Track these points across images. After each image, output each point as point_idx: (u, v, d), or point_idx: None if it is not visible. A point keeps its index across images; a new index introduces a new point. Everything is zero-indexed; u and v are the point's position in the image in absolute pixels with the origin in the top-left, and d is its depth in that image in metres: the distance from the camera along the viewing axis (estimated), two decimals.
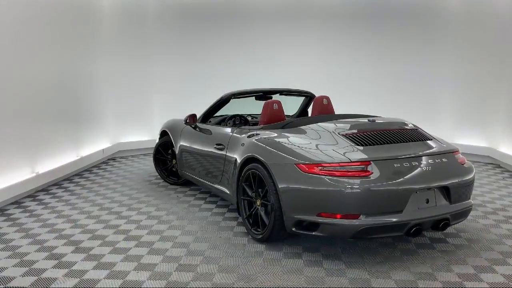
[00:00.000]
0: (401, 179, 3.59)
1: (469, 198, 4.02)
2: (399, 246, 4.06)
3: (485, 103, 8.00)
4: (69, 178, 6.68)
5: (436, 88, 8.62)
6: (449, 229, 4.45)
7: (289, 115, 6.46)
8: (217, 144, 5.00)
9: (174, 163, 6.22)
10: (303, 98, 6.35)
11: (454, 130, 8.47)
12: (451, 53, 8.37)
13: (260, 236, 4.10)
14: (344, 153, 3.70)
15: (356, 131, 4.05)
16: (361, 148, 3.77)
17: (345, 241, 4.14)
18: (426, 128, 8.14)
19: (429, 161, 3.80)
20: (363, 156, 3.65)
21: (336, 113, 5.51)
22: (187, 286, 3.31)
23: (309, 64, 8.91)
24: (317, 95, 5.90)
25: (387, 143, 3.89)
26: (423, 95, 8.70)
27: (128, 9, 8.43)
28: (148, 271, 3.56)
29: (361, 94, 8.85)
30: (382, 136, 3.97)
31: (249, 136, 4.52)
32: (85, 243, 4.17)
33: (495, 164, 7.72)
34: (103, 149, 7.86)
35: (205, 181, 5.35)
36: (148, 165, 7.60)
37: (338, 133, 3.99)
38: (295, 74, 8.79)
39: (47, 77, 6.30)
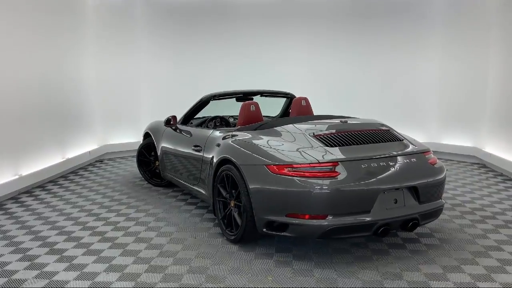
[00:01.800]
0: (369, 179, 3.61)
1: (440, 198, 4.04)
2: (371, 246, 4.08)
3: (471, 104, 8.02)
4: (54, 180, 6.71)
5: (422, 88, 8.65)
6: (423, 229, 4.48)
7: (273, 116, 6.50)
8: (195, 146, 5.03)
9: (157, 164, 6.25)
10: (285, 99, 6.37)
11: (441, 130, 8.50)
12: (437, 54, 8.40)
13: (233, 237, 4.13)
14: (313, 154, 3.72)
15: (327, 132, 4.07)
16: (330, 149, 3.79)
17: (317, 242, 4.16)
18: (413, 128, 8.29)
19: (398, 161, 3.83)
20: (331, 157, 3.67)
21: (315, 114, 5.55)
22: (154, 287, 3.34)
23: (297, 65, 8.92)
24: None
25: (357, 144, 3.92)
26: (410, 95, 8.72)
27: (115, 7, 8.46)
28: (118, 272, 3.59)
29: (347, 95, 8.87)
30: (353, 137, 4.00)
31: (224, 138, 4.55)
32: (60, 244, 4.20)
33: (480, 164, 7.74)
34: (89, 151, 7.89)
35: (185, 183, 5.38)
36: (135, 166, 7.59)
37: (309, 134, 4.02)
38: (283, 75, 8.80)
39: (31, 77, 6.34)
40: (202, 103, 5.61)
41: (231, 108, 6.19)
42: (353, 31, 8.81)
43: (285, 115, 6.46)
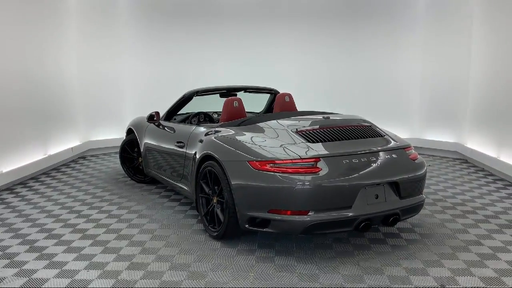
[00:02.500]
0: (350, 175, 3.63)
1: (421, 193, 4.08)
2: (352, 241, 4.11)
3: (453, 101, 8.10)
4: (35, 177, 6.63)
5: (405, 85, 8.72)
6: (404, 224, 4.52)
7: (257, 112, 6.49)
8: (178, 142, 5.00)
9: (140, 161, 6.20)
10: (269, 95, 6.37)
11: (424, 126, 8.58)
12: (420, 51, 8.49)
13: (216, 234, 4.12)
14: (295, 150, 3.73)
15: (310, 128, 4.08)
16: (312, 145, 3.80)
17: (300, 237, 4.17)
18: (397, 124, 8.36)
19: (379, 157, 3.85)
20: (313, 152, 3.68)
21: (299, 110, 5.56)
22: (134, 286, 3.31)
23: (283, 62, 8.92)
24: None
25: (339, 139, 3.93)
26: (393, 92, 8.78)
27: (98, 2, 8.37)
28: (99, 270, 3.55)
29: (332, 91, 8.91)
30: (334, 133, 4.01)
31: (206, 134, 4.54)
32: (40, 242, 4.15)
33: (462, 159, 7.83)
34: (72, 148, 7.80)
35: (169, 179, 5.35)
36: (118, 163, 7.53)
37: (291, 130, 4.02)
38: (269, 71, 8.80)
39: (12, 72, 6.23)
40: (185, 99, 5.57)
41: (216, 104, 6.17)
42: (337, 29, 8.84)
43: (269, 111, 6.46)
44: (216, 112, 6.30)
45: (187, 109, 5.95)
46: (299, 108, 5.77)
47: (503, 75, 6.60)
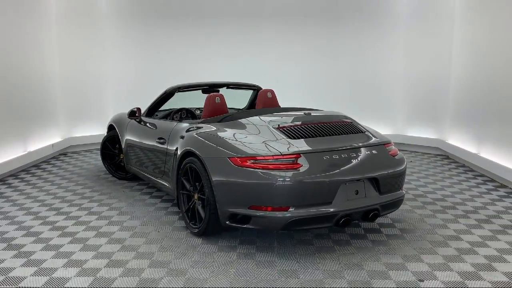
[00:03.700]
0: (330, 171, 3.64)
1: (401, 189, 4.11)
2: (333, 237, 4.12)
3: (436, 98, 8.17)
4: (14, 174, 6.52)
5: (388, 83, 8.78)
6: (385, 219, 4.55)
7: (239, 109, 6.47)
8: (159, 138, 4.96)
9: (121, 157, 6.14)
10: (251, 91, 6.35)
11: (406, 123, 8.66)
12: (402, 49, 8.55)
13: (197, 230, 4.11)
14: (276, 146, 3.72)
15: (291, 124, 4.08)
16: (293, 141, 3.80)
17: (281, 233, 4.18)
18: (379, 121, 8.42)
19: (359, 153, 3.87)
20: (293, 149, 3.68)
21: (282, 106, 5.55)
22: (111, 286, 3.26)
23: (265, 59, 8.91)
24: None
25: (320, 136, 3.94)
26: (377, 89, 8.84)
27: (79, 1, 8.26)
28: (77, 268, 3.51)
29: (317, 89, 8.93)
30: (316, 129, 4.01)
31: (188, 130, 4.50)
32: (18, 240, 4.08)
33: (444, 155, 7.92)
34: (52, 144, 7.69)
35: (150, 176, 5.30)
36: (99, 160, 7.46)
37: (273, 127, 4.02)
38: (250, 69, 8.77)
39: None
40: (167, 95, 5.52)
41: (198, 100, 6.13)
42: (321, 28, 8.85)
43: (252, 108, 6.44)
44: (198, 108, 6.27)
45: (169, 105, 5.91)
46: (282, 105, 5.76)
47: (483, 74, 6.68)
